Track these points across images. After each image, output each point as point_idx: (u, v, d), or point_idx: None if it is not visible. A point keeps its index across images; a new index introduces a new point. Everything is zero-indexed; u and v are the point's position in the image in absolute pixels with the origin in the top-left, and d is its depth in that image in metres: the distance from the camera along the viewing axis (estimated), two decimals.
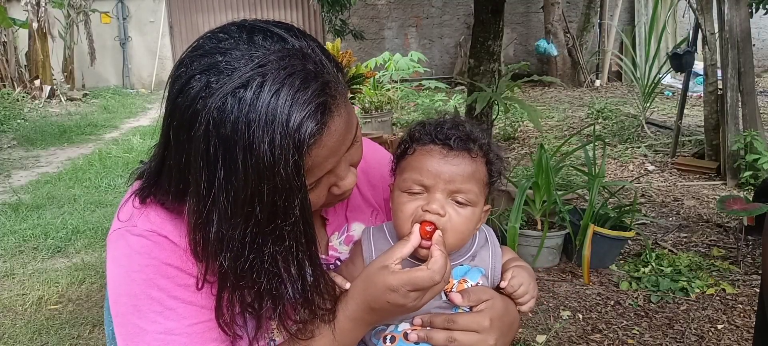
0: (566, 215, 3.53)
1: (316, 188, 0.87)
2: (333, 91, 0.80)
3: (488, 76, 4.00)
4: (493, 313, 0.98)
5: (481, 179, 1.00)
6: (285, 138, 0.74)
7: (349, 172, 0.91)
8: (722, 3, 4.92)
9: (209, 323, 0.90)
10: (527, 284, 1.03)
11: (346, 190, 0.91)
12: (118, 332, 0.92)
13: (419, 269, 0.89)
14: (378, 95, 7.47)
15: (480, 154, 1.00)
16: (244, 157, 0.74)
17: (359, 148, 0.93)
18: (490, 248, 1.05)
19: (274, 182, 0.75)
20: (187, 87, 0.78)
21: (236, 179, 0.75)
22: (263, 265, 0.81)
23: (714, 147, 5.24)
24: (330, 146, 0.82)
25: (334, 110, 0.81)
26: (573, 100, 9.29)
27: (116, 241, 0.92)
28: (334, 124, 0.81)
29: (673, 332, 2.87)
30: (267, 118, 0.74)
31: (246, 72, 0.76)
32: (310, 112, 0.76)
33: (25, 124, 8.98)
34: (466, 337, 0.95)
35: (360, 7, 11.47)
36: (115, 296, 0.92)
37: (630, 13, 11.29)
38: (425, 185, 0.97)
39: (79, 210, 4.99)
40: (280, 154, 0.74)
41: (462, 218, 0.97)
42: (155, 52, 13.30)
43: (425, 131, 1.00)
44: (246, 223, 0.78)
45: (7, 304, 3.43)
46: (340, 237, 1.09)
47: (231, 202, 0.76)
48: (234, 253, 0.80)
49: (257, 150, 0.74)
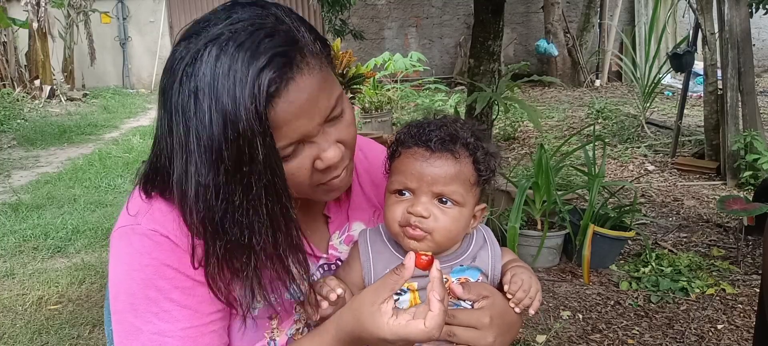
0: (566, 215, 3.53)
1: (296, 156, 0.87)
2: (302, 51, 0.84)
3: (488, 76, 4.00)
4: (494, 310, 0.98)
5: (466, 179, 0.98)
6: (245, 85, 0.79)
7: (334, 147, 0.89)
8: (722, 3, 4.92)
9: (202, 328, 0.92)
10: (528, 284, 1.01)
11: (330, 164, 0.89)
12: (114, 329, 0.94)
13: (416, 324, 0.84)
14: (378, 95, 7.47)
15: (465, 154, 0.98)
16: (209, 105, 0.79)
17: (350, 129, 0.92)
18: (489, 248, 1.05)
19: (238, 127, 0.79)
20: (171, 56, 0.85)
21: (206, 127, 0.80)
22: (235, 215, 0.84)
23: (714, 147, 5.24)
24: (298, 104, 0.83)
25: (304, 69, 0.83)
26: (573, 100, 9.29)
27: (119, 239, 0.94)
28: (302, 82, 0.83)
29: (673, 332, 2.87)
30: (231, 67, 0.79)
31: (218, 30, 0.82)
32: (272, 62, 0.80)
33: (25, 124, 8.98)
34: (465, 332, 0.95)
35: (360, 7, 11.47)
36: (114, 293, 0.93)
37: (630, 13, 11.29)
38: (410, 188, 0.97)
39: (79, 210, 4.99)
40: (241, 100, 0.79)
41: (448, 218, 0.97)
42: (155, 52, 13.30)
43: (409, 133, 1.00)
44: (216, 171, 0.81)
45: (7, 304, 3.43)
46: (341, 236, 1.09)
47: (203, 150, 0.81)
48: (208, 203, 0.83)
49: (221, 97, 0.79)
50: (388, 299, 0.87)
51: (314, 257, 1.04)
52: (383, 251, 1.01)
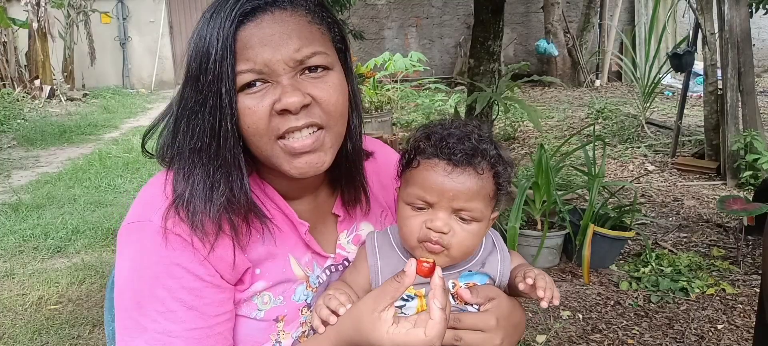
0: (566, 215, 3.53)
1: (258, 92, 0.89)
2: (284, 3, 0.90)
3: (488, 76, 4.00)
4: (500, 312, 0.97)
5: (487, 194, 0.95)
6: (223, 8, 0.88)
7: (297, 93, 0.88)
8: (722, 3, 4.92)
9: (207, 330, 0.91)
10: (542, 280, 0.99)
11: (286, 106, 0.87)
12: (118, 325, 0.93)
13: (416, 333, 0.83)
14: (378, 95, 7.47)
15: (487, 168, 0.94)
16: (200, 27, 0.90)
17: (330, 92, 0.91)
18: (499, 253, 1.03)
19: (207, 40, 0.87)
20: None
21: (190, 43, 0.91)
22: (188, 119, 0.90)
23: (714, 147, 5.24)
24: (268, 32, 0.88)
25: (287, 9, 0.90)
26: (573, 100, 9.29)
27: (129, 234, 0.93)
28: (279, 17, 0.89)
29: (673, 332, 2.87)
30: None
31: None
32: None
33: (25, 124, 8.98)
34: (472, 336, 0.95)
35: (360, 7, 11.46)
36: (120, 289, 0.93)
37: (630, 13, 11.29)
38: (428, 202, 0.93)
39: (79, 210, 4.99)
40: (220, 18, 0.87)
41: (467, 233, 0.94)
42: (155, 52, 13.30)
43: (430, 143, 0.95)
44: (185, 79, 0.91)
45: (7, 304, 3.43)
46: (349, 236, 1.08)
47: (185, 72, 0.91)
48: (171, 107, 0.95)
49: (208, 18, 0.89)
50: (388, 307, 0.85)
51: (321, 257, 1.03)
52: (391, 256, 0.99)
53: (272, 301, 0.98)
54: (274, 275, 0.97)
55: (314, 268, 1.02)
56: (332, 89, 0.91)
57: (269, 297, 0.97)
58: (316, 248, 1.02)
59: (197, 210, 0.90)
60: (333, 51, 0.93)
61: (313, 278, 1.02)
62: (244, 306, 0.96)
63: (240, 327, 0.97)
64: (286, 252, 0.99)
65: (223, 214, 0.90)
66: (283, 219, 0.99)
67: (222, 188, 0.90)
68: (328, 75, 0.91)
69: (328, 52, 0.92)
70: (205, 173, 0.90)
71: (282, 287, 0.98)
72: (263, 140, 0.90)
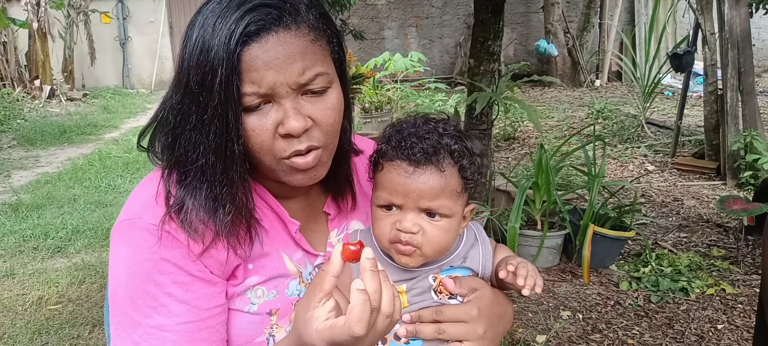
0: (566, 215, 3.53)
1: (262, 113, 0.88)
2: (296, 15, 0.88)
3: (488, 76, 4.00)
4: (482, 303, 0.98)
5: (453, 189, 0.94)
6: (229, 21, 0.85)
7: (300, 117, 0.88)
8: (722, 3, 4.92)
9: (200, 323, 0.92)
10: (524, 268, 0.99)
11: (290, 132, 0.88)
12: (112, 322, 0.95)
13: (337, 322, 0.80)
14: (378, 95, 7.47)
15: (450, 164, 0.94)
16: (197, 35, 0.87)
17: (328, 112, 0.91)
18: (480, 246, 1.04)
19: (210, 54, 0.85)
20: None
21: (187, 50, 0.88)
22: (188, 134, 0.89)
23: (714, 147, 5.24)
24: (273, 55, 0.86)
25: (291, 28, 0.87)
26: (573, 100, 9.29)
27: (120, 233, 0.95)
28: (284, 37, 0.87)
29: (673, 332, 2.87)
30: (224, 8, 0.87)
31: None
32: (259, 10, 0.86)
33: (25, 124, 8.98)
34: (454, 327, 0.95)
35: (360, 7, 11.46)
36: (114, 286, 0.94)
37: (630, 13, 11.29)
38: (395, 203, 0.94)
39: (79, 210, 4.99)
40: (220, 32, 0.85)
41: (438, 231, 0.94)
42: (155, 52, 13.31)
43: (391, 145, 0.95)
44: (183, 90, 0.88)
45: (7, 304, 3.43)
46: (340, 234, 1.09)
47: (178, 71, 0.89)
48: (167, 118, 0.91)
49: (207, 28, 0.87)
50: (319, 304, 0.82)
51: (311, 255, 1.04)
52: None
53: (266, 295, 0.98)
54: (267, 270, 0.99)
55: (306, 265, 1.03)
56: (331, 110, 0.92)
57: (263, 291, 0.98)
58: (307, 247, 1.03)
59: (199, 221, 0.90)
60: (332, 65, 0.94)
61: (306, 274, 1.03)
62: (238, 300, 0.97)
63: (233, 321, 0.97)
64: (279, 250, 1.00)
65: (226, 228, 0.92)
66: (274, 218, 1.01)
67: (228, 208, 0.91)
68: (328, 94, 0.92)
69: (328, 69, 0.92)
70: (209, 188, 0.91)
71: (275, 281, 0.99)
72: (268, 158, 0.92)
